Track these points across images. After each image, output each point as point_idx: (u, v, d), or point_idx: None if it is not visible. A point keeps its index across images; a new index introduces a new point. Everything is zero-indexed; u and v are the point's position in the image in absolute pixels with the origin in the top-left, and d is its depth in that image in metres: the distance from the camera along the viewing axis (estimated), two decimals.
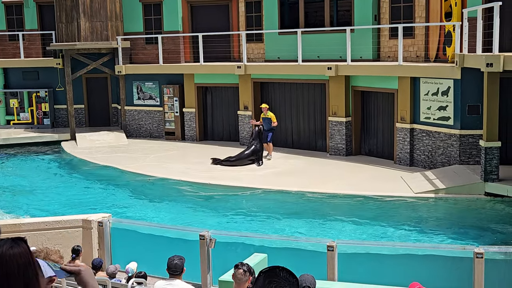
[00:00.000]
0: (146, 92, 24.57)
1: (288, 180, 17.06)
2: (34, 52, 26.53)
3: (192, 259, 9.31)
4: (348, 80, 19.67)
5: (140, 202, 16.64)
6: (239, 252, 10.46)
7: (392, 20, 19.58)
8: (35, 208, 16.31)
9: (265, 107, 19.79)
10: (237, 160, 19.10)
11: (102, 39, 24.14)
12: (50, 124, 26.15)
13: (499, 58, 13.71)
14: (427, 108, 17.44)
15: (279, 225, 14.35)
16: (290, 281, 2.48)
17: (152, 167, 19.12)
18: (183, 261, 7.09)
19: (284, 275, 2.49)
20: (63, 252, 10.43)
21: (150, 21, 24.53)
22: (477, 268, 8.80)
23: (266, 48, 22.61)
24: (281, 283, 2.46)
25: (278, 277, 2.49)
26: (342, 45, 19.72)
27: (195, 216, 15.27)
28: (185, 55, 24.18)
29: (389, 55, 19.89)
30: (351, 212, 14.92)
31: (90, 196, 17.40)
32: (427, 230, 13.73)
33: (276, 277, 2.49)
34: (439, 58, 18.23)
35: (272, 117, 19.66)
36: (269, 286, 2.46)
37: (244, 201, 16.14)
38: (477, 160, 16.17)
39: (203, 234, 10.18)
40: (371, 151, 19.84)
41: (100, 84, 26.37)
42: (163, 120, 24.23)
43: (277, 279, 2.48)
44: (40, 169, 21.22)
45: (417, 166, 17.79)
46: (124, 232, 11.61)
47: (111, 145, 23.26)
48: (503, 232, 13.35)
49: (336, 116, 19.82)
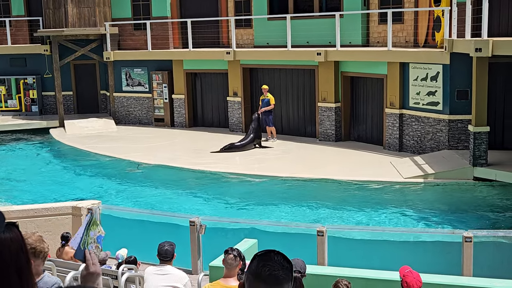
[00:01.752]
0: (135, 79, 24.46)
1: (278, 166, 17.08)
2: (21, 39, 26.31)
3: (183, 245, 9.31)
4: (337, 65, 19.66)
5: (130, 189, 16.61)
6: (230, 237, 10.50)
7: (381, 6, 19.56)
8: (23, 196, 16.25)
9: (265, 88, 19.97)
10: (241, 146, 19.11)
11: (90, 25, 23.97)
12: (38, 111, 26.00)
13: (488, 43, 13.74)
14: (416, 93, 17.47)
15: (268, 211, 14.38)
16: (284, 265, 2.48)
17: (142, 154, 19.08)
18: (173, 247, 7.09)
19: (278, 259, 2.49)
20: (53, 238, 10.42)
21: (138, 7, 24.37)
22: (466, 252, 8.86)
23: (255, 34, 22.54)
24: (274, 267, 2.46)
25: (272, 260, 2.48)
26: (331, 31, 19.69)
27: (185, 202, 15.26)
28: (174, 41, 24.07)
29: (378, 41, 19.89)
30: (340, 197, 14.96)
31: (80, 183, 17.35)
32: (416, 215, 13.80)
33: (270, 260, 2.48)
34: (428, 43, 18.25)
35: (271, 99, 19.88)
36: (262, 269, 2.45)
37: (234, 187, 16.15)
38: (466, 145, 16.24)
39: (193, 220, 10.19)
40: (360, 136, 19.88)
41: (88, 70, 26.21)
42: (152, 107, 24.15)
43: (270, 263, 2.47)
44: (28, 156, 21.11)
45: (406, 151, 17.85)
46: (114, 219, 11.59)
47: (100, 132, 23.18)
48: (491, 216, 13.44)
49: (326, 102, 19.82)
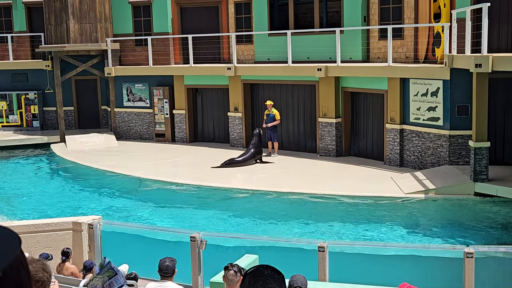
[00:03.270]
0: (136, 94, 24.52)
1: (279, 181, 17.07)
2: (23, 54, 26.44)
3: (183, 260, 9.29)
4: (338, 81, 19.71)
5: (131, 204, 16.59)
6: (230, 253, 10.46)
7: (381, 21, 19.65)
8: (24, 211, 16.23)
9: (270, 103, 20.00)
10: (242, 161, 19.13)
11: (91, 41, 24.08)
12: (40, 126, 26.05)
13: (487, 59, 13.79)
14: (417, 108, 17.50)
15: (269, 226, 14.35)
16: (275, 278, 2.49)
17: (143, 169, 19.08)
18: (174, 262, 7.07)
19: (268, 273, 2.50)
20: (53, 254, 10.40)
21: (139, 23, 24.50)
22: (467, 268, 8.83)
23: (256, 50, 22.62)
24: (267, 281, 2.47)
25: (263, 275, 2.49)
26: (331, 47, 19.77)
27: (186, 218, 15.24)
28: (175, 56, 24.16)
29: (378, 56, 19.95)
30: (341, 213, 14.94)
31: (80, 198, 17.33)
32: (417, 230, 13.77)
33: (261, 275, 2.49)
34: (428, 59, 18.31)
35: (276, 114, 19.97)
36: (255, 286, 2.46)
37: (235, 203, 16.14)
38: (467, 161, 16.24)
39: (194, 235, 10.16)
40: (361, 152, 19.89)
41: (89, 86, 26.30)
42: (153, 122, 24.19)
43: (262, 278, 2.48)
44: (29, 171, 21.12)
45: (407, 166, 17.84)
46: (115, 234, 11.57)
47: (101, 147, 23.19)
48: (493, 231, 13.41)
49: (326, 117, 19.86)
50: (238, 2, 23.01)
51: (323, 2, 21.19)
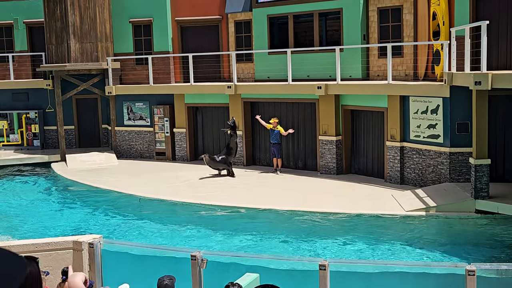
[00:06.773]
0: (137, 113, 24.58)
1: (279, 199, 17.04)
2: (24, 74, 26.54)
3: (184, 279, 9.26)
4: (338, 99, 19.76)
5: (131, 223, 16.56)
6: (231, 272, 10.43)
7: (380, 40, 19.75)
8: (24, 230, 16.20)
9: (275, 121, 20.13)
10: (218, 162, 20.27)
11: (92, 60, 24.18)
12: (40, 145, 26.08)
13: (487, 76, 13.83)
14: (417, 126, 17.53)
15: (270, 245, 14.31)
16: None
17: (143, 188, 19.06)
18: (173, 281, 7.06)
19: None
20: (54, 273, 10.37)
21: (140, 42, 24.62)
22: (469, 286, 8.79)
23: (256, 68, 22.71)
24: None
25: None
26: (331, 65, 19.85)
27: (187, 236, 15.21)
28: (175, 75, 24.25)
29: (378, 74, 20.02)
30: (342, 231, 14.90)
31: (81, 217, 17.31)
32: (418, 248, 13.73)
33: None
34: (428, 76, 18.37)
35: (281, 130, 20.22)
36: None
37: (235, 221, 16.10)
38: (467, 178, 16.23)
39: (195, 254, 10.13)
40: (361, 169, 19.89)
41: (90, 105, 26.37)
42: (153, 141, 24.22)
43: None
44: (29, 190, 21.10)
45: (407, 184, 17.84)
46: (116, 253, 11.54)
47: (102, 166, 23.20)
48: (494, 249, 13.37)
49: (327, 135, 19.88)
50: (238, 21, 23.14)
51: (323, 20, 21.31)
